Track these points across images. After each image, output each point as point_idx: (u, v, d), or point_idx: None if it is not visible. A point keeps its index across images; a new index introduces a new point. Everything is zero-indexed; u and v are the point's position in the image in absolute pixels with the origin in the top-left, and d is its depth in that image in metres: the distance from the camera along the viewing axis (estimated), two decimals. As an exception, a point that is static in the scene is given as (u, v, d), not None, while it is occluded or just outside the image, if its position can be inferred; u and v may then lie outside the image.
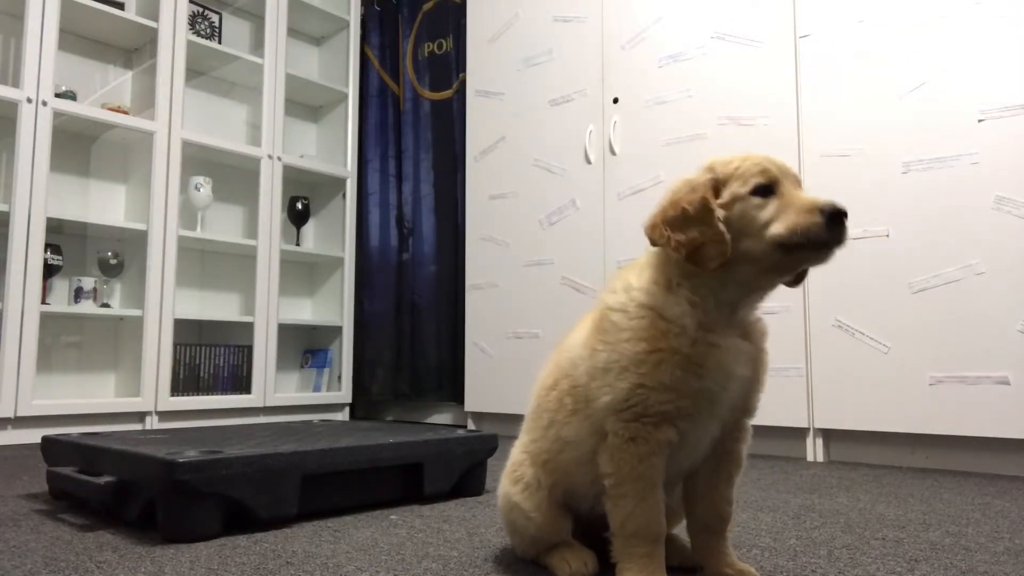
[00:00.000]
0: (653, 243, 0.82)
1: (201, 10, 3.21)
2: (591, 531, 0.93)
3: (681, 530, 0.94)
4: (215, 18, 3.26)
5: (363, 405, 3.58)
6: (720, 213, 0.78)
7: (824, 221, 0.74)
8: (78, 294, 2.67)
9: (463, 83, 3.27)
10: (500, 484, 0.96)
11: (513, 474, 0.93)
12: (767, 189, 0.79)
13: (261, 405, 3.04)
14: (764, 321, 0.87)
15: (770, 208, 0.78)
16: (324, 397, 3.26)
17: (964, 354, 1.83)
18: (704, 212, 0.78)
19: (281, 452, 1.16)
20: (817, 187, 2.09)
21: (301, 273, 3.54)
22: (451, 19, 3.36)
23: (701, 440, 0.84)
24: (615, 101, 2.57)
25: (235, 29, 3.39)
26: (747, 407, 0.87)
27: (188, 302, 3.11)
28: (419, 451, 1.36)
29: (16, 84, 2.60)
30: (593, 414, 0.83)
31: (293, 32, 3.63)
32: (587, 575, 0.88)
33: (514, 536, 0.94)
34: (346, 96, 3.52)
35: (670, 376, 0.78)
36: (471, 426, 2.96)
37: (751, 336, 0.84)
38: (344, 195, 3.45)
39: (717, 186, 0.80)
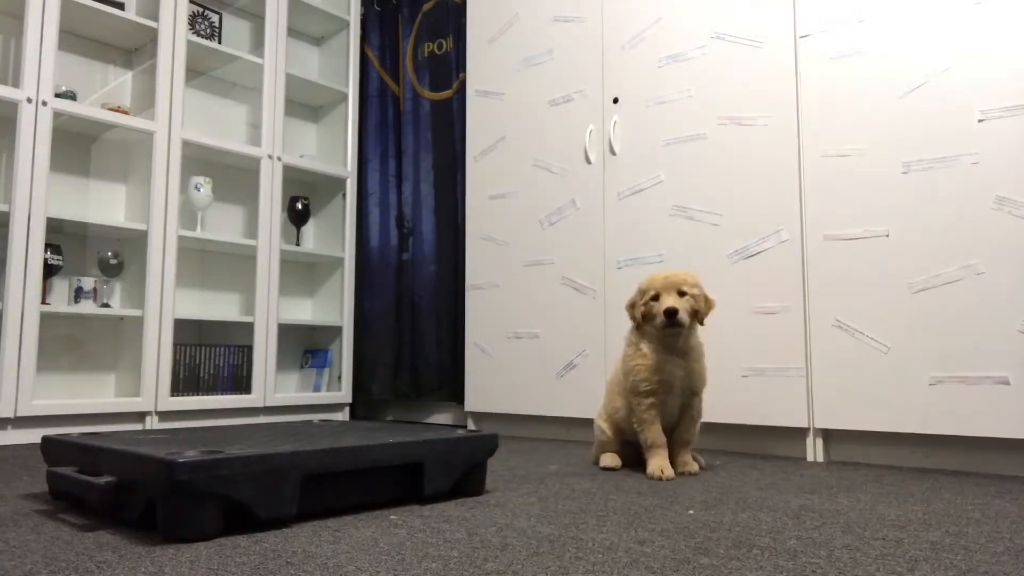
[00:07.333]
0: (631, 318, 1.80)
1: (201, 10, 3.21)
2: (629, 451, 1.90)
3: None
4: (215, 18, 3.26)
5: (363, 405, 3.58)
6: (640, 307, 1.77)
7: (664, 316, 1.69)
8: (78, 294, 2.67)
9: (463, 83, 3.28)
10: (595, 420, 1.94)
11: (599, 416, 1.91)
12: (657, 296, 1.74)
13: (261, 405, 3.04)
14: (700, 347, 1.80)
15: (657, 306, 1.73)
16: (324, 397, 3.26)
17: (964, 354, 1.83)
18: (633, 307, 1.80)
19: (281, 452, 1.16)
20: (817, 187, 2.09)
21: (301, 273, 3.54)
22: (451, 19, 3.36)
23: (671, 404, 1.78)
24: (615, 101, 2.57)
25: (235, 29, 3.39)
26: (692, 389, 1.78)
27: (188, 302, 3.11)
28: (419, 451, 1.36)
29: (16, 84, 2.60)
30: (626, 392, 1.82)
31: (293, 32, 3.63)
32: (615, 467, 1.84)
33: (595, 443, 1.94)
34: (346, 96, 3.52)
35: (646, 374, 1.74)
36: (471, 426, 2.96)
37: (686, 355, 1.76)
38: (344, 195, 3.45)
39: (644, 295, 1.77)
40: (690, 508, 1.34)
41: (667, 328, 1.71)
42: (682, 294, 1.74)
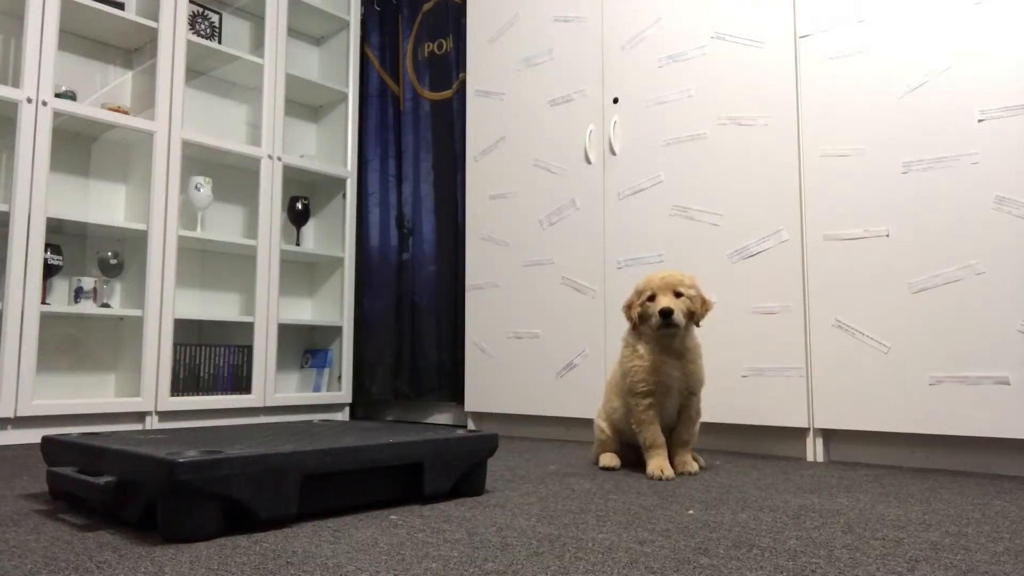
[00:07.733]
0: (628, 319, 1.82)
1: (201, 10, 3.21)
2: (627, 450, 1.92)
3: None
4: (215, 18, 3.26)
5: (363, 405, 3.58)
6: (637, 308, 1.78)
7: (660, 316, 1.71)
8: (78, 294, 2.67)
9: (463, 83, 3.27)
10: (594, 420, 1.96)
11: (599, 416, 1.93)
12: (653, 296, 1.75)
13: (261, 405, 3.04)
14: (697, 348, 1.81)
15: (653, 307, 1.74)
16: (324, 397, 3.26)
17: (964, 354, 1.83)
18: (630, 308, 1.81)
19: (281, 452, 1.16)
20: (817, 187, 2.09)
21: (301, 273, 3.54)
22: (451, 19, 3.36)
23: (670, 404, 1.79)
24: (615, 101, 2.57)
25: (235, 29, 3.39)
26: (690, 389, 1.79)
27: (188, 302, 3.11)
28: (419, 451, 1.36)
29: (16, 84, 2.60)
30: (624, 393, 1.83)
31: (293, 32, 3.63)
32: (615, 467, 1.85)
33: (594, 443, 1.95)
34: (346, 96, 3.52)
35: (643, 375, 1.76)
36: (471, 426, 2.96)
37: (683, 356, 1.77)
38: (344, 195, 3.45)
39: (640, 295, 1.78)
40: (690, 508, 1.34)
41: (662, 328, 1.72)
42: (678, 295, 1.75)
